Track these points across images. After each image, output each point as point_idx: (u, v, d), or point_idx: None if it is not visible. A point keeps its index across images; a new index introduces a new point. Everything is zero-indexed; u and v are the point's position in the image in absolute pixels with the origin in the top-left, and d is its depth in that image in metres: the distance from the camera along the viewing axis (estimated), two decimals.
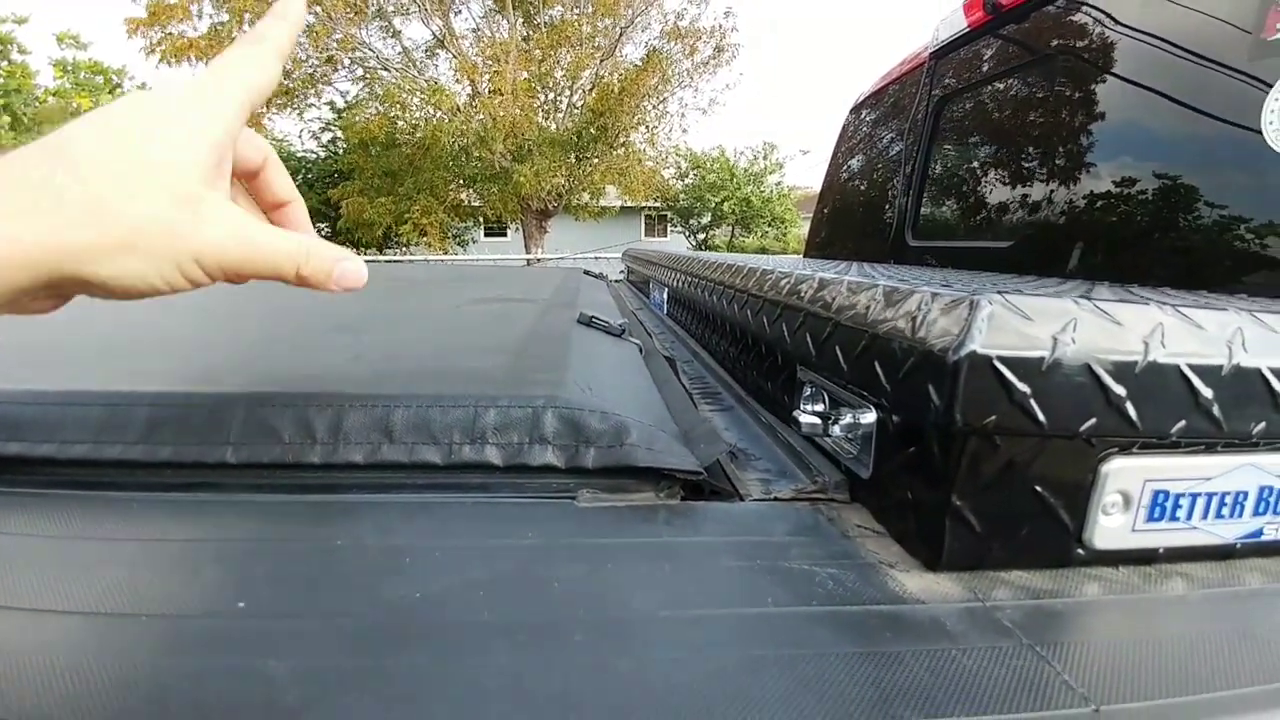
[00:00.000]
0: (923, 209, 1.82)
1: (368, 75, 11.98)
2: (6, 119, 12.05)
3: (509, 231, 16.86)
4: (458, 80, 11.88)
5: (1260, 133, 0.86)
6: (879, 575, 0.35)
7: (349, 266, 0.35)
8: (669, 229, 18.56)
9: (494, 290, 1.30)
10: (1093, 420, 0.33)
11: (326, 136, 14.34)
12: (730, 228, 16.28)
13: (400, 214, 11.30)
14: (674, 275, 1.35)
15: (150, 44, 10.71)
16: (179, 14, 10.65)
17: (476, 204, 12.79)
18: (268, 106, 12.16)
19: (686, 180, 16.25)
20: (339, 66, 11.86)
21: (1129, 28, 1.16)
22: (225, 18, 10.61)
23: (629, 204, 14.75)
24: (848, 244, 2.26)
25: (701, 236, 16.61)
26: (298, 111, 12.51)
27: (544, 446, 0.45)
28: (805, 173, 18.87)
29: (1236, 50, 0.93)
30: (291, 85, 11.83)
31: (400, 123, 12.03)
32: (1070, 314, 0.33)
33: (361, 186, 11.87)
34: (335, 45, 11.26)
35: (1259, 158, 0.87)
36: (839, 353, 0.44)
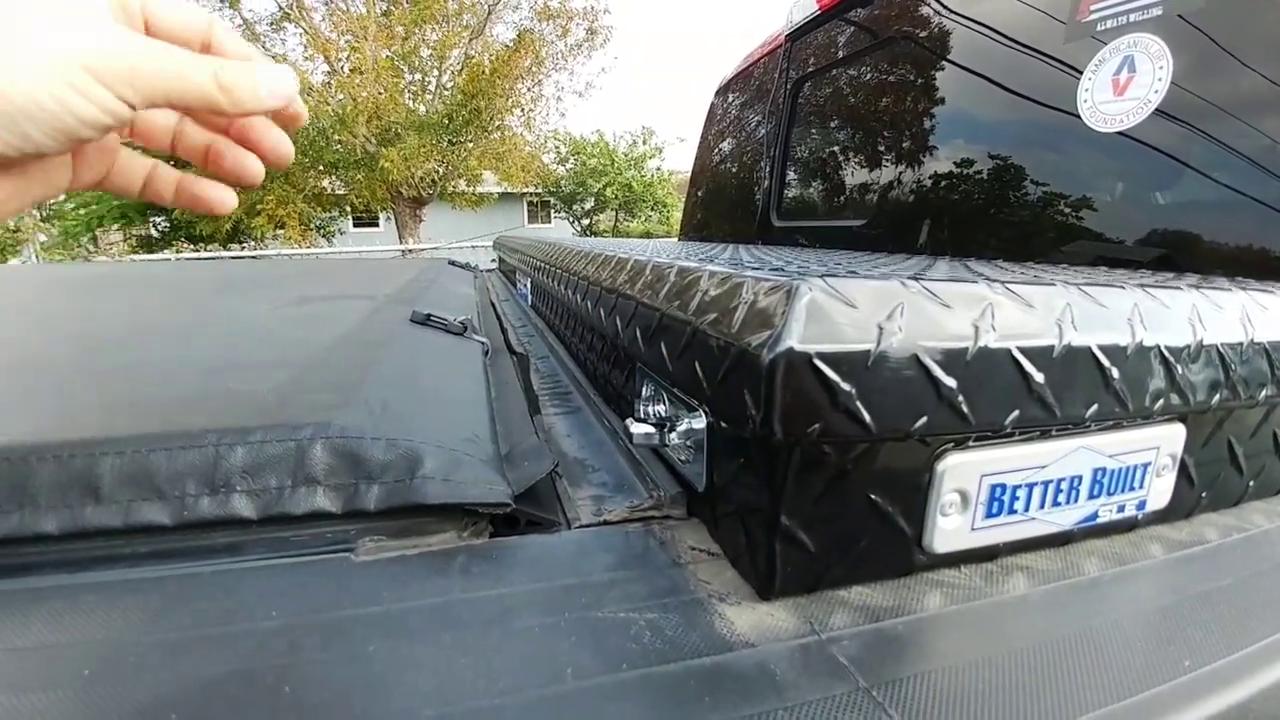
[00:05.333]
0: (785, 190, 1.85)
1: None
2: None
3: (381, 221, 15.82)
4: (309, 58, 10.87)
5: (1078, 115, 0.92)
6: (706, 615, 0.30)
7: (267, 72, 0.30)
8: (552, 215, 18.25)
9: (330, 287, 1.15)
10: (924, 418, 0.29)
11: None
12: (614, 212, 16.25)
13: (251, 204, 10.18)
14: (532, 263, 1.26)
15: None
16: None
17: (341, 192, 11.83)
18: None
19: (567, 165, 15.98)
20: None
21: (962, 15, 1.20)
22: None
23: (509, 190, 14.30)
24: (721, 226, 2.27)
25: (586, 222, 16.45)
26: None
27: (311, 488, 0.36)
28: (684, 158, 19.22)
29: (1054, 36, 0.98)
30: None
31: None
32: (898, 297, 0.29)
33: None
34: None
35: (1077, 137, 0.92)
36: (664, 350, 0.39)
